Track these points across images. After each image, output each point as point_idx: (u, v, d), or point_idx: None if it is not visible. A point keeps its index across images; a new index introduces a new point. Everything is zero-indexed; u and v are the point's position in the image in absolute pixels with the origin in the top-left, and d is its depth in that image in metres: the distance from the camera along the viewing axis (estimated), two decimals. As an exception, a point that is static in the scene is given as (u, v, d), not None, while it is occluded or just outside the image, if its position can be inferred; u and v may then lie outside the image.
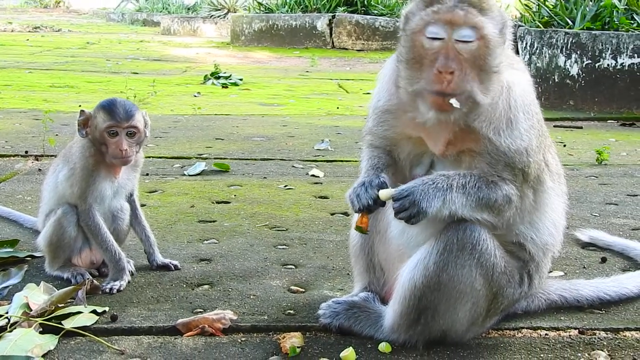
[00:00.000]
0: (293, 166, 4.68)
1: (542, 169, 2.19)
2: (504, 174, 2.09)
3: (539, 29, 7.76)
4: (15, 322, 2.20)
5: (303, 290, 2.63)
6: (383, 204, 2.14)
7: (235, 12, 18.70)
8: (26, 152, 4.84)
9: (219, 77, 9.44)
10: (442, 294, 2.11)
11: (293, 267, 2.86)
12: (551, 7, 8.33)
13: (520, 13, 9.13)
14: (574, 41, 7.25)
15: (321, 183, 4.24)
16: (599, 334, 2.33)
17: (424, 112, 2.03)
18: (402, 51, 2.08)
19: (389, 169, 2.26)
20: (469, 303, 2.14)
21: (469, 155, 2.12)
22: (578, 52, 7.22)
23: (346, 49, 14.48)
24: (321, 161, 4.83)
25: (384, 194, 2.12)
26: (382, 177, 2.17)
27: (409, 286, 2.13)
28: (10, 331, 2.14)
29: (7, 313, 2.25)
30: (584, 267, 2.93)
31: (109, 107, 2.62)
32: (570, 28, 7.64)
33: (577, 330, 2.35)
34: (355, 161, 2.27)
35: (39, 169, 4.37)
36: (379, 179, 2.16)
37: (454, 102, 1.98)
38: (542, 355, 2.18)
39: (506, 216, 2.13)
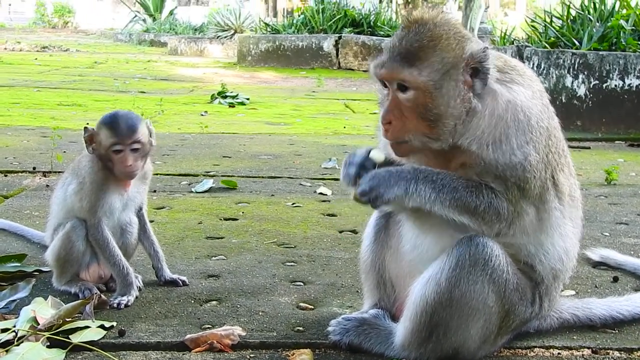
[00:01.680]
0: (300, 184, 4.67)
1: (546, 187, 2.13)
2: (493, 184, 2.06)
3: (545, 49, 7.78)
4: (23, 336, 2.18)
5: (312, 307, 2.61)
6: (374, 165, 2.14)
7: (241, 33, 18.84)
8: (34, 168, 4.85)
9: (226, 97, 9.47)
10: (454, 310, 2.08)
11: (302, 284, 2.84)
12: (558, 28, 8.36)
13: (527, 34, 9.17)
14: (581, 62, 7.27)
15: (329, 201, 4.23)
16: (613, 353, 2.29)
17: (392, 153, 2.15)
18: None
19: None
20: (481, 320, 2.11)
21: (468, 167, 2.10)
22: (585, 73, 7.23)
23: (352, 69, 14.55)
24: (329, 179, 4.82)
25: (374, 153, 2.15)
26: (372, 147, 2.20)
27: (421, 303, 2.10)
28: (18, 345, 2.12)
29: (14, 327, 2.23)
30: (596, 287, 2.90)
31: (111, 124, 2.61)
32: (577, 49, 7.67)
33: (591, 349, 2.31)
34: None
35: (47, 185, 4.37)
36: (368, 148, 2.19)
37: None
38: (555, 374, 2.15)
39: (496, 228, 2.08)
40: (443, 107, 2.02)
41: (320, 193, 4.40)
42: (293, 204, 4.12)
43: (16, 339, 2.16)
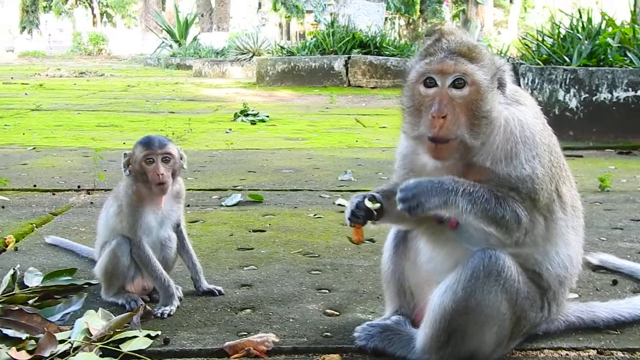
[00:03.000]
0: (320, 196, 4.66)
1: (552, 199, 2.12)
2: (512, 194, 2.04)
3: (539, 66, 7.74)
4: (78, 347, 2.19)
5: (338, 313, 2.60)
6: (372, 213, 2.14)
7: (259, 56, 18.89)
8: (79, 186, 4.87)
9: (247, 115, 9.49)
10: (470, 317, 2.06)
11: (327, 291, 2.83)
12: (549, 45, 8.31)
13: (521, 52, 9.12)
14: (572, 77, 7.22)
15: (347, 212, 4.20)
16: (617, 354, 2.26)
17: (424, 157, 2.07)
18: (404, 100, 2.11)
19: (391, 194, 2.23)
20: (495, 326, 2.09)
21: (484, 182, 2.06)
22: (576, 87, 7.18)
23: (361, 86, 14.54)
24: (345, 191, 4.80)
25: (369, 202, 2.14)
26: (372, 194, 2.17)
27: (439, 310, 2.08)
28: (74, 355, 2.13)
29: (69, 338, 2.24)
30: (597, 289, 2.86)
31: (145, 141, 2.68)
32: (567, 65, 7.62)
33: (596, 350, 2.28)
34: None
35: (91, 202, 4.39)
36: (367, 194, 2.16)
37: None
38: (564, 374, 2.13)
39: (515, 236, 2.04)
40: (487, 109, 1.99)
41: (339, 204, 4.38)
42: (315, 215, 4.11)
43: (72, 349, 2.17)
